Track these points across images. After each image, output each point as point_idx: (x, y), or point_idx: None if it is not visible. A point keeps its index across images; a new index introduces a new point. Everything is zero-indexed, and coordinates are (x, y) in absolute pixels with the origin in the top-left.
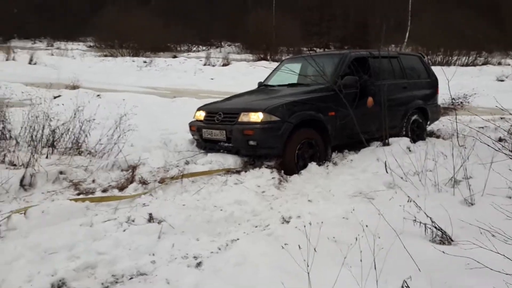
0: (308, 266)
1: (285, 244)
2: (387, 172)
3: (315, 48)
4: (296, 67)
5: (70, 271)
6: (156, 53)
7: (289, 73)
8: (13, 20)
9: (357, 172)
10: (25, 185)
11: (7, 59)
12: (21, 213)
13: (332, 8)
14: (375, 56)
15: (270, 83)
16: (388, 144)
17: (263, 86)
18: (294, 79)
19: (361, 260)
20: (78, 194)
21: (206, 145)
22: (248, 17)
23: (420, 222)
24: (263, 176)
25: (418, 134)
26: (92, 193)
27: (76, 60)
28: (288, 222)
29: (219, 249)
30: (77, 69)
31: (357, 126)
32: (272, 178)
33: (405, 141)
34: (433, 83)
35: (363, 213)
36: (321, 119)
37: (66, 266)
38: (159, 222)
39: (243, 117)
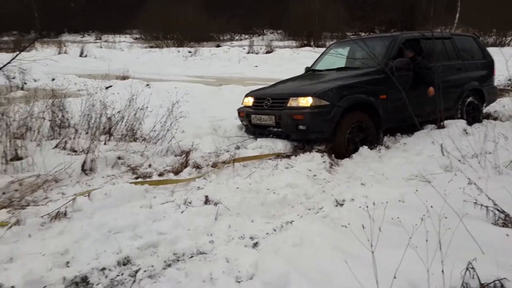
0: (372, 246)
1: (346, 225)
2: (443, 154)
3: (360, 33)
4: (344, 51)
5: (134, 250)
6: (200, 43)
7: (337, 56)
8: (63, 16)
9: (411, 155)
10: (86, 169)
11: (59, 53)
12: (85, 196)
13: None
14: (427, 37)
15: (317, 67)
16: (443, 127)
17: (310, 71)
18: (342, 63)
19: (426, 241)
20: (136, 178)
21: (255, 131)
22: (290, 3)
23: (482, 205)
24: (313, 160)
25: (474, 116)
26: (149, 177)
27: (124, 52)
28: (341, 205)
29: (275, 230)
30: (125, 60)
31: (410, 109)
32: (323, 162)
33: (461, 123)
34: (489, 64)
35: (421, 195)
36: (372, 103)
37: (130, 245)
38: (215, 204)
39: (292, 102)
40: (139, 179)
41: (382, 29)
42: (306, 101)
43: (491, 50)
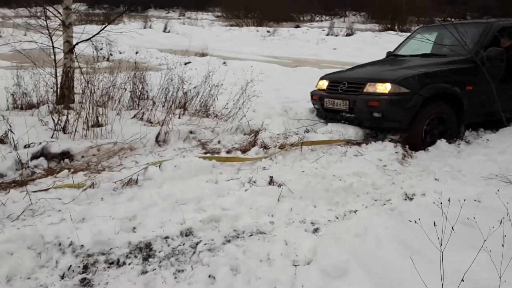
0: (441, 245)
1: (415, 220)
2: None
3: (449, 18)
4: (431, 36)
5: (197, 222)
6: (279, 23)
7: (423, 42)
8: None
9: (494, 153)
10: (159, 141)
11: (144, 27)
12: (156, 166)
13: None
14: None
15: (400, 53)
16: None
17: (392, 56)
18: (428, 49)
19: (503, 245)
20: (205, 153)
21: (327, 115)
22: None
23: None
24: (385, 150)
25: None
26: (218, 153)
27: (205, 29)
28: (411, 199)
29: (337, 218)
30: (206, 37)
31: (498, 103)
32: (396, 152)
33: None
34: None
35: (501, 197)
36: (457, 93)
37: (194, 217)
38: (279, 186)
39: (369, 88)
40: (208, 154)
41: (475, 15)
42: (384, 87)
43: None
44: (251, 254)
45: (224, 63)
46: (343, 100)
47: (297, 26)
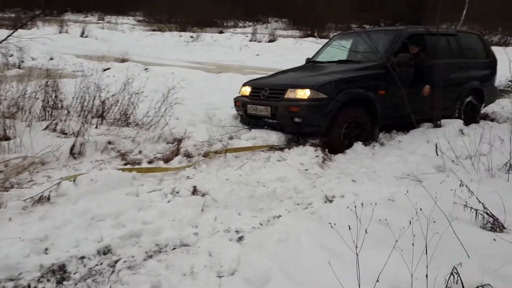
0: (357, 247)
1: (332, 224)
2: (437, 154)
3: (365, 25)
4: (347, 43)
5: (116, 239)
6: (203, 28)
7: (339, 49)
8: None
9: (405, 154)
10: (74, 153)
11: (60, 32)
12: (70, 180)
13: None
14: (432, 33)
15: (318, 59)
16: (439, 126)
17: (311, 63)
18: (344, 56)
19: (413, 244)
20: (125, 164)
21: (250, 121)
22: None
23: (471, 208)
24: (306, 154)
25: (471, 116)
26: (139, 163)
27: (125, 34)
28: (331, 201)
29: (261, 224)
30: (126, 42)
31: (408, 107)
32: (316, 156)
33: (458, 123)
34: (492, 64)
35: (411, 196)
36: (370, 98)
37: (112, 234)
38: (203, 195)
39: (290, 94)
40: (128, 166)
41: (387, 22)
42: (303, 93)
43: (495, 49)
44: (174, 269)
45: (146, 69)
46: (266, 106)
47: (221, 32)
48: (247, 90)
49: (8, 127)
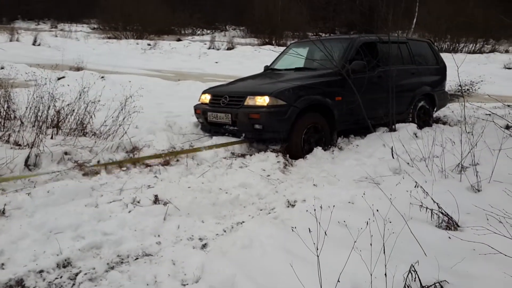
0: (317, 249)
1: (293, 227)
2: (393, 157)
3: (320, 33)
4: (303, 51)
5: (76, 251)
6: (160, 36)
7: (296, 57)
8: (17, 1)
9: (363, 157)
10: (30, 165)
11: (11, 40)
12: (26, 193)
13: None
14: (384, 41)
15: (276, 67)
16: (394, 130)
17: (269, 70)
18: (301, 63)
19: (371, 245)
20: (83, 175)
21: (211, 128)
22: (254, 0)
23: (427, 208)
24: (268, 160)
25: (424, 120)
26: (97, 173)
27: (80, 42)
28: (293, 206)
29: (225, 231)
30: (81, 51)
31: (364, 112)
32: (277, 162)
33: (412, 127)
34: (442, 70)
35: (370, 198)
36: (328, 104)
37: (72, 246)
38: (165, 204)
39: (249, 101)
40: (86, 177)
41: (342, 31)
42: (263, 100)
43: (445, 56)
44: (137, 279)
45: (102, 77)
46: (226, 114)
47: (179, 40)
48: (207, 98)
49: None
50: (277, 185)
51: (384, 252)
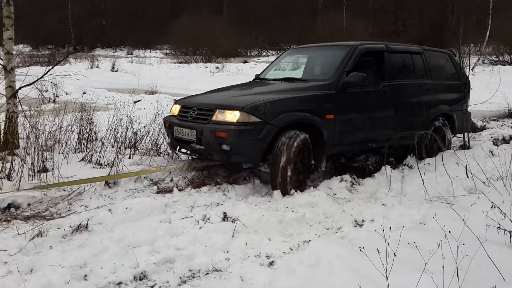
0: (386, 270)
1: (361, 247)
2: (467, 176)
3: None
4: (301, 59)
5: (151, 265)
6: (227, 58)
7: (289, 65)
8: (96, 31)
9: (435, 176)
10: (109, 183)
11: (91, 67)
12: (107, 209)
13: (407, 7)
14: (392, 50)
15: (267, 76)
16: (468, 147)
17: (258, 79)
18: (293, 73)
19: (443, 267)
20: (158, 193)
21: (179, 145)
22: (319, 19)
23: (505, 230)
24: (334, 179)
25: (438, 146)
26: (170, 191)
27: (153, 67)
28: (361, 225)
29: (291, 249)
30: (154, 75)
31: (363, 133)
32: (344, 180)
33: (487, 144)
34: (464, 86)
35: (442, 218)
36: (316, 123)
37: (148, 260)
38: (233, 221)
39: (218, 115)
40: (160, 194)
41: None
42: (233, 116)
43: None
44: None
45: (174, 100)
46: (191, 129)
47: (245, 62)
48: (176, 109)
49: (46, 160)
50: (343, 204)
51: (457, 275)
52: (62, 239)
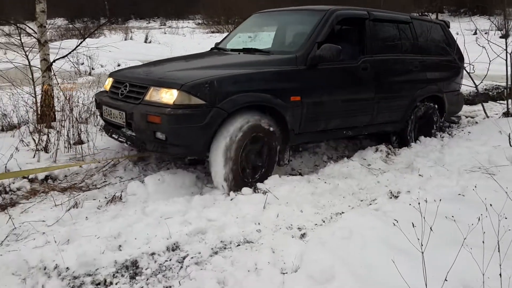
0: (422, 245)
1: (395, 221)
2: (511, 145)
3: (426, 13)
4: (270, 27)
5: (183, 236)
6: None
7: (255, 33)
8: (130, 3)
9: (476, 145)
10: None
11: (125, 39)
12: (140, 181)
13: None
14: (376, 18)
15: (228, 45)
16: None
17: (215, 49)
18: (256, 43)
19: (483, 242)
20: (189, 164)
21: (110, 129)
22: None
23: None
24: (369, 149)
25: (426, 132)
26: (202, 163)
27: (186, 38)
28: (396, 197)
29: (323, 221)
30: (187, 46)
31: (337, 118)
32: (379, 150)
33: None
34: (456, 63)
35: (483, 190)
36: (277, 106)
37: (180, 231)
38: (264, 193)
39: (153, 94)
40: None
41: (452, 9)
42: (169, 96)
43: None
44: (238, 265)
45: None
46: (120, 111)
47: None
48: (109, 83)
49: (82, 132)
50: (378, 175)
51: (498, 251)
52: (97, 210)
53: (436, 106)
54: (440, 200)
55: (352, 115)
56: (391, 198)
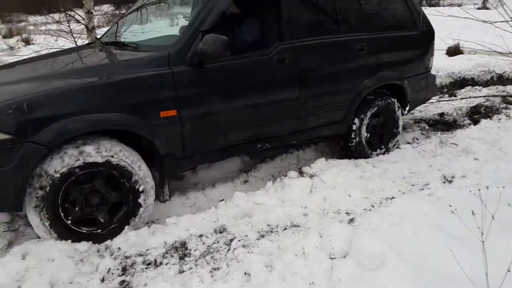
0: (482, 234)
1: (452, 207)
2: None
3: None
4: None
5: (230, 219)
6: None
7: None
8: None
9: None
10: None
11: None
12: None
13: None
14: None
15: (122, 32)
16: None
17: (99, 41)
18: (133, 35)
19: None
20: None
21: None
22: None
23: None
24: (416, 130)
25: (385, 133)
26: None
27: None
28: (450, 182)
29: (373, 206)
30: None
31: (242, 130)
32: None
33: None
34: (424, 38)
35: None
36: (137, 129)
37: (227, 214)
38: (310, 177)
39: None
40: None
41: None
42: None
43: None
44: (285, 249)
45: None
46: None
47: None
48: None
49: None
50: (431, 159)
51: None
52: None
53: (395, 99)
54: (504, 187)
55: (266, 123)
56: (444, 182)
